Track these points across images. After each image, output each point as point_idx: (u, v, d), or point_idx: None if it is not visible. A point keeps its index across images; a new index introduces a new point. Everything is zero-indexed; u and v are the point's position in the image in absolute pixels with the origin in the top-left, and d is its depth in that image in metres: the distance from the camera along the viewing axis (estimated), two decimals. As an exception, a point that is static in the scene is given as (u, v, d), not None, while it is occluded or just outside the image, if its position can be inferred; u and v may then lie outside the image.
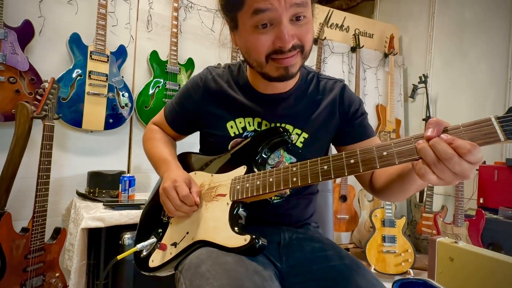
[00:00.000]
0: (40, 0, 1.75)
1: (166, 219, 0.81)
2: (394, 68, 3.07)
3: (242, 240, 0.64)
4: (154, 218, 0.84)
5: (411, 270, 2.22)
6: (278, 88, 0.79)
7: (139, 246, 0.78)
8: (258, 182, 0.67)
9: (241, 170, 0.74)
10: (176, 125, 0.92)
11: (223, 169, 0.78)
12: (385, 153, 0.53)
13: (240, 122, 0.81)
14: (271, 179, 0.66)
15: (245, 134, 0.81)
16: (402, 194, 0.69)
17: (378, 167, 0.53)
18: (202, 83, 0.85)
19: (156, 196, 0.89)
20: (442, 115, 3.00)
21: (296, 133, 0.80)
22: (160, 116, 0.95)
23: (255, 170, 0.72)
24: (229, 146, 0.81)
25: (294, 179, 0.62)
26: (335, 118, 0.82)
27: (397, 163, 0.52)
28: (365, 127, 0.83)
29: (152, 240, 0.79)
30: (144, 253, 0.79)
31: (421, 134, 0.51)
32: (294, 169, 0.63)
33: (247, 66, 0.82)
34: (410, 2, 3.37)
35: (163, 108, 0.95)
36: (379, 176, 0.75)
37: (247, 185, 0.69)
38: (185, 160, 0.88)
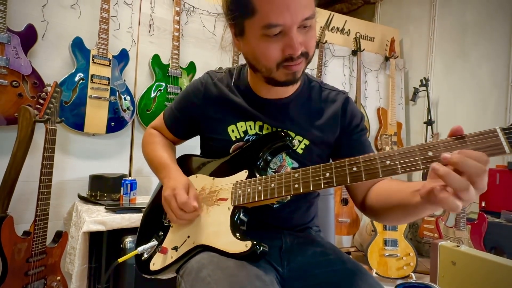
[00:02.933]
0: (43, 5, 1.77)
1: (167, 222, 0.81)
2: (395, 71, 3.07)
3: (243, 246, 0.64)
4: (155, 221, 0.84)
5: (413, 274, 2.21)
6: (279, 93, 0.79)
7: (140, 249, 0.78)
8: (259, 188, 0.67)
9: (243, 174, 0.74)
10: (175, 129, 0.92)
11: (225, 173, 0.78)
12: (388, 162, 0.53)
13: (241, 126, 0.81)
14: (272, 185, 0.65)
15: (246, 138, 0.81)
16: (399, 222, 0.69)
17: (381, 176, 0.53)
18: (203, 87, 0.84)
19: (156, 199, 0.89)
20: (443, 118, 3.00)
21: (298, 140, 0.80)
22: (159, 120, 0.95)
23: (257, 175, 0.72)
24: (231, 150, 0.81)
25: (296, 185, 0.62)
26: (337, 130, 0.82)
27: (400, 172, 0.51)
28: (363, 144, 0.83)
29: (153, 243, 0.79)
30: (145, 256, 0.79)
31: (423, 144, 0.51)
32: (296, 175, 0.63)
33: (248, 70, 0.82)
34: (411, 5, 3.38)
35: (162, 112, 0.95)
36: (375, 199, 0.73)
37: (249, 190, 0.69)
38: (186, 163, 0.88)
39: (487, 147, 0.46)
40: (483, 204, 2.35)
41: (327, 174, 0.59)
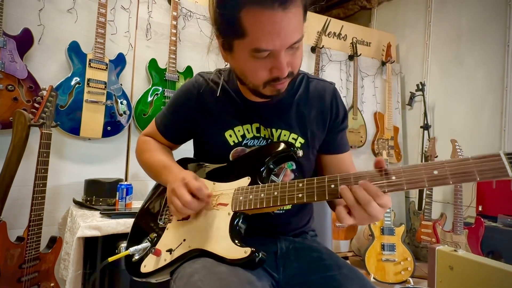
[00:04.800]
0: (39, 9, 1.76)
1: (162, 224, 0.79)
2: (391, 76, 3.09)
3: (242, 252, 0.63)
4: (150, 222, 0.82)
5: (410, 279, 2.20)
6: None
7: (132, 249, 0.76)
8: (262, 195, 0.67)
9: (245, 181, 0.73)
10: (169, 134, 0.90)
11: (226, 178, 0.76)
12: (393, 178, 0.55)
13: (238, 130, 0.80)
14: (275, 193, 0.65)
15: (245, 142, 0.80)
16: None
17: (386, 191, 0.56)
18: (196, 90, 0.83)
19: (152, 199, 0.88)
20: (440, 122, 3.02)
21: (293, 138, 0.80)
22: (151, 127, 0.92)
23: (259, 182, 0.71)
24: (231, 155, 0.80)
25: (300, 195, 0.62)
26: (326, 124, 0.83)
27: (405, 188, 0.55)
28: (344, 143, 0.87)
29: (146, 244, 0.77)
30: (136, 257, 0.77)
31: (429, 163, 0.54)
32: (300, 185, 0.63)
33: None
34: (407, 10, 3.41)
35: (154, 119, 0.92)
36: None
37: (251, 196, 0.68)
38: (184, 167, 0.86)
39: (490, 169, 0.48)
40: (480, 208, 2.35)
41: (332, 186, 0.59)
